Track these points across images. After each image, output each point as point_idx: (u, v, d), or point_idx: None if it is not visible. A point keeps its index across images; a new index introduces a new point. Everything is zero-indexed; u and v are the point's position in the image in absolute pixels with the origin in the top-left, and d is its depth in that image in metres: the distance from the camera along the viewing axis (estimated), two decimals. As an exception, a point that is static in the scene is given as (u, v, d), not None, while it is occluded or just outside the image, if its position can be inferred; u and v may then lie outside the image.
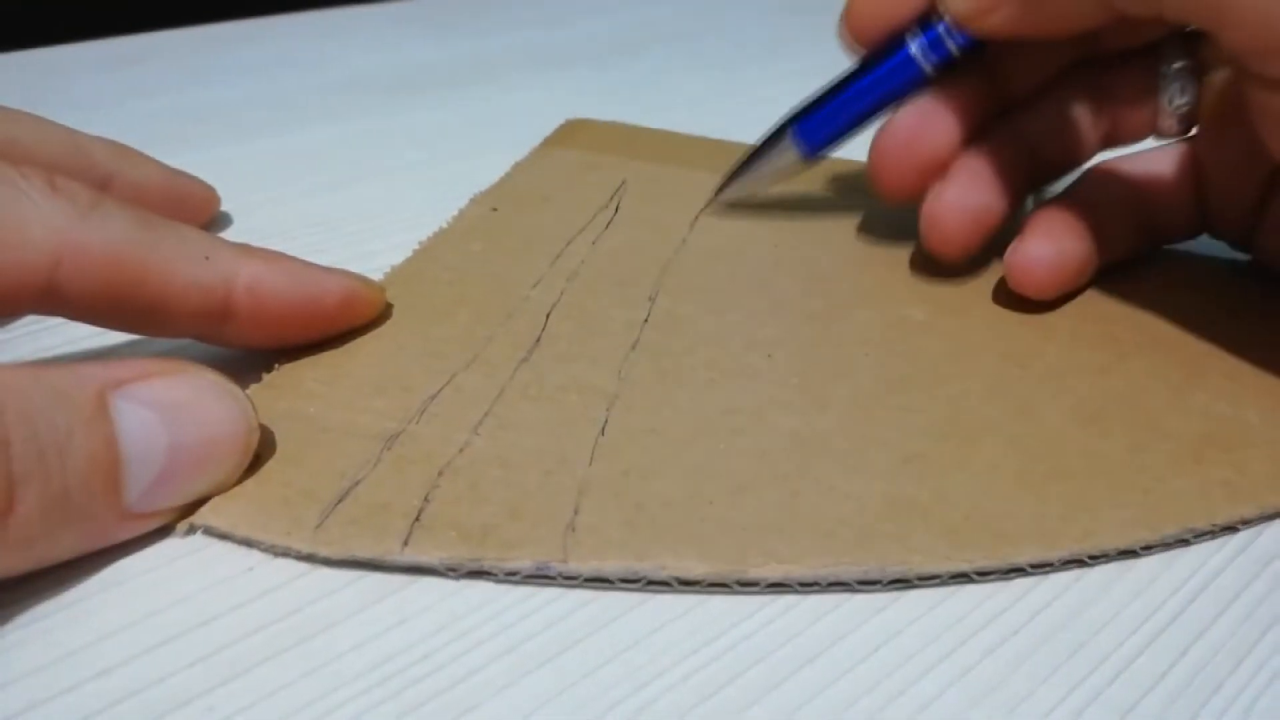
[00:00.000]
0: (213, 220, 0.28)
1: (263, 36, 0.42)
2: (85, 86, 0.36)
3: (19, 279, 0.18)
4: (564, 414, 0.20)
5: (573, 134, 0.34)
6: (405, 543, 0.17)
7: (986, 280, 0.26)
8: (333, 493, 0.18)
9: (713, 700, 0.16)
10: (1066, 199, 0.25)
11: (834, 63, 0.26)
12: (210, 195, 0.27)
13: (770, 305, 0.25)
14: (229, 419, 0.18)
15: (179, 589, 0.17)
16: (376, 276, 0.24)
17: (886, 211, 0.29)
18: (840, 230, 0.28)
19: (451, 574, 0.17)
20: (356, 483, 0.18)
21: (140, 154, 0.25)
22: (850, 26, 0.26)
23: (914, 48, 0.25)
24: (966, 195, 0.25)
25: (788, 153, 0.27)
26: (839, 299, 0.25)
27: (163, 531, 0.18)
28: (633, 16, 0.48)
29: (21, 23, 0.40)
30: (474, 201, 0.29)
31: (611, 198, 0.29)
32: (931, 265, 0.27)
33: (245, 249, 0.21)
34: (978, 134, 0.25)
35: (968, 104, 0.25)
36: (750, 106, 0.38)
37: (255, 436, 0.18)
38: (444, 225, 0.27)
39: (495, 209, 0.29)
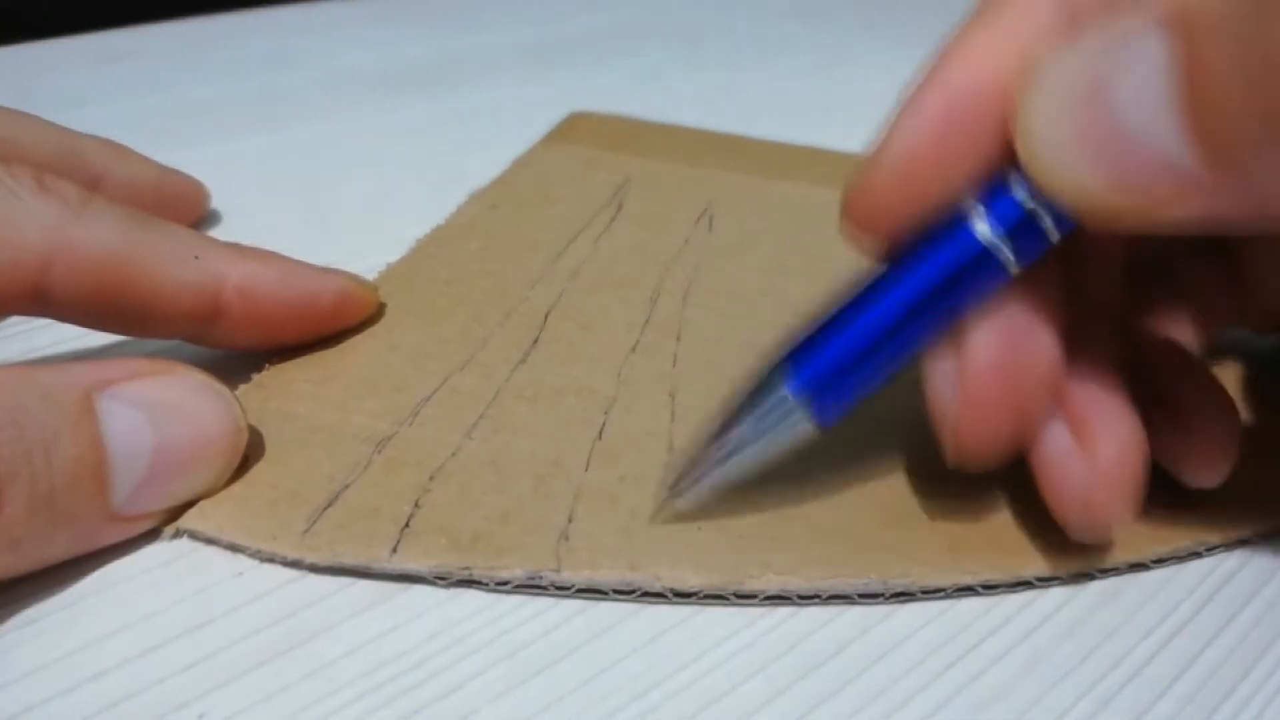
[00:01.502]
0: (203, 218, 0.27)
1: (254, 31, 0.42)
2: (74, 82, 0.35)
3: (9, 279, 0.18)
4: (561, 417, 0.20)
5: (575, 128, 0.34)
6: (394, 549, 0.17)
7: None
8: (321, 496, 0.18)
9: (713, 709, 0.15)
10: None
11: (833, 62, 0.24)
12: (201, 192, 0.27)
13: (776, 308, 0.24)
14: (217, 419, 0.17)
15: (173, 593, 0.17)
16: (370, 275, 0.24)
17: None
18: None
19: (441, 582, 0.17)
20: (346, 486, 0.18)
21: (131, 151, 0.25)
22: (862, 214, 0.17)
23: (984, 234, 0.15)
24: (1120, 446, 0.16)
25: (791, 423, 0.17)
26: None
27: (155, 535, 0.17)
28: (630, 13, 0.47)
29: (8, 16, 0.39)
30: (473, 198, 0.28)
31: (614, 195, 0.29)
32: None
33: (236, 248, 0.20)
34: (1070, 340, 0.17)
35: (1056, 304, 0.16)
36: (750, 106, 0.38)
37: (244, 437, 0.18)
38: (440, 223, 0.27)
39: (494, 206, 0.28)
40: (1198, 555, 0.18)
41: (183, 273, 0.19)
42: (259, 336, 0.21)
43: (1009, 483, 0.19)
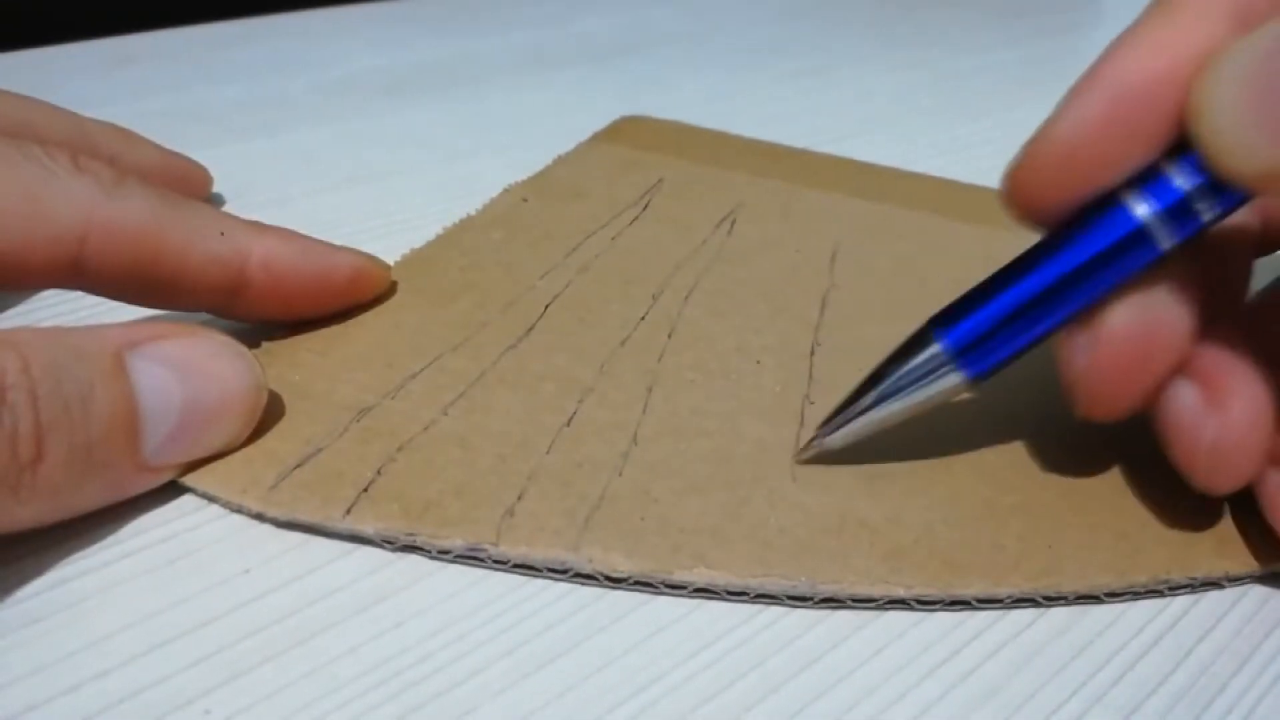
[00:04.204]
0: (206, 200, 0.28)
1: (261, 36, 0.42)
2: (82, 87, 0.36)
3: (49, 253, 0.19)
4: (536, 402, 0.21)
5: (623, 130, 0.34)
6: (348, 511, 0.18)
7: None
8: (294, 457, 0.19)
9: (712, 703, 0.16)
10: None
11: (833, 64, 0.24)
12: (205, 176, 0.28)
13: (774, 312, 0.24)
14: (239, 377, 0.19)
15: (177, 591, 0.17)
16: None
17: (915, 231, 0.28)
18: (869, 244, 0.28)
19: (388, 546, 0.18)
20: (319, 450, 0.19)
21: (138, 136, 0.26)
22: (1024, 191, 0.18)
23: (1143, 218, 0.16)
24: (1250, 409, 0.17)
25: (943, 379, 0.18)
26: (848, 312, 0.24)
27: (160, 532, 0.18)
28: (633, 16, 0.47)
29: (18, 22, 0.40)
30: (506, 191, 0.29)
31: (644, 195, 0.30)
32: (954, 287, 0.26)
33: (258, 226, 0.22)
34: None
35: (1194, 279, 0.18)
36: (750, 106, 0.38)
37: (264, 395, 0.19)
38: (444, 227, 0.27)
39: (526, 199, 0.29)
40: (1158, 594, 0.18)
41: (210, 247, 0.20)
42: (278, 309, 0.22)
43: (968, 503, 0.19)
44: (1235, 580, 0.18)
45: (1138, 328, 0.17)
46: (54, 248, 0.19)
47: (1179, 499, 0.19)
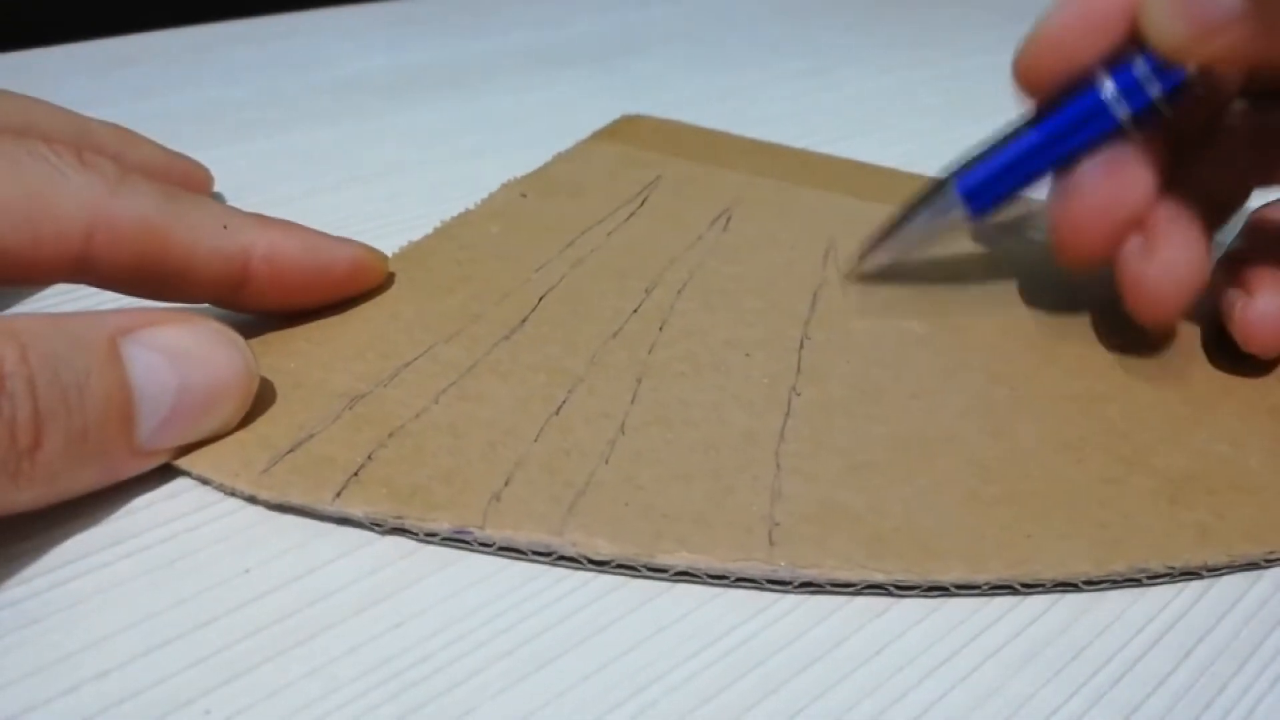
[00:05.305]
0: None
1: (261, 36, 0.42)
2: (82, 87, 0.36)
3: (56, 249, 0.19)
4: (526, 391, 0.21)
5: (623, 129, 0.35)
6: (337, 495, 0.18)
7: (997, 299, 0.25)
8: (287, 442, 0.19)
9: (713, 703, 0.16)
10: (1271, 249, 0.23)
11: (833, 64, 0.25)
12: (206, 176, 0.28)
13: (766, 306, 0.25)
14: (231, 364, 0.19)
15: (177, 591, 0.17)
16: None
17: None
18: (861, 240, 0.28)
19: (376, 529, 0.18)
20: (311, 435, 0.19)
21: (139, 136, 0.26)
22: (1023, 72, 0.23)
23: (1106, 93, 0.21)
24: (1180, 256, 0.22)
25: (951, 214, 0.24)
26: (838, 306, 0.25)
27: (160, 532, 0.18)
28: (633, 16, 0.47)
29: (19, 22, 0.39)
30: (505, 186, 0.30)
31: (641, 192, 0.30)
32: (943, 279, 0.26)
33: (261, 219, 0.22)
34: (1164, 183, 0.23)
35: (1156, 151, 0.22)
36: (750, 106, 0.38)
37: (255, 381, 0.19)
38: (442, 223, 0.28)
39: (524, 195, 0.29)
40: (1137, 583, 0.18)
41: (213, 241, 0.21)
42: (280, 301, 0.22)
43: (950, 492, 0.19)
44: (1214, 570, 0.18)
45: (1102, 182, 0.22)
46: (61, 244, 0.19)
47: (1159, 490, 0.19)
